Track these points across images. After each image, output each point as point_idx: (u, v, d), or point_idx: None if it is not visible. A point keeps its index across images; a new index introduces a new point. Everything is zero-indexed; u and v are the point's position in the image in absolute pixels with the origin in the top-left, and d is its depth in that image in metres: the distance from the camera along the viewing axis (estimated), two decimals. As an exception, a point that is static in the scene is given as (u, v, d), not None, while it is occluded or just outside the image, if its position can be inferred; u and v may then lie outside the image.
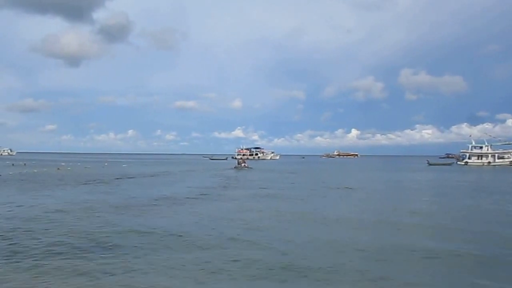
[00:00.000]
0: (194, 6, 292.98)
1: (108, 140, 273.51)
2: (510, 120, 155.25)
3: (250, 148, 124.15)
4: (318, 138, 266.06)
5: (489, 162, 78.82)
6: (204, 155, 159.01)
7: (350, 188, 29.61)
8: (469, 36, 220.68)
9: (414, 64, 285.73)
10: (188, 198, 22.30)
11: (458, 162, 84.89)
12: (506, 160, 78.23)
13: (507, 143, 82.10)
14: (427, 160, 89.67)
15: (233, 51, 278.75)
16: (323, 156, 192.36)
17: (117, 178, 36.92)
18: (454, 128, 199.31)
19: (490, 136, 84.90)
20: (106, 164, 76.97)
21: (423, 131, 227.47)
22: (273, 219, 15.63)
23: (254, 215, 16.49)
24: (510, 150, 79.51)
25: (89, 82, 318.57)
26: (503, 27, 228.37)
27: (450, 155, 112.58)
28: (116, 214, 16.19)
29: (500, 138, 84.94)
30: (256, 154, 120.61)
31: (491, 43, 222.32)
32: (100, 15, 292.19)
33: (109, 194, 23.94)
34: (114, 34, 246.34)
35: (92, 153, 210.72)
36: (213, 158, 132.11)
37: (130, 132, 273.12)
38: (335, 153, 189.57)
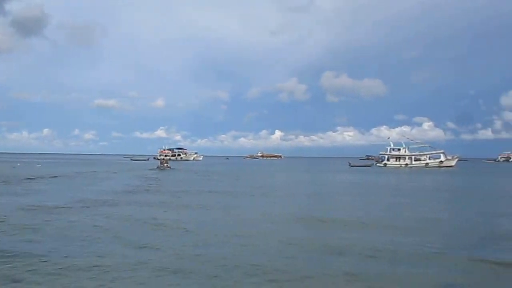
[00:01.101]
0: (117, 1, 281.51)
1: (22, 139, 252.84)
2: (427, 123, 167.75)
3: (173, 149, 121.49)
4: (242, 139, 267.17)
5: (407, 164, 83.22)
6: (125, 156, 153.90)
7: (275, 189, 29.59)
8: (389, 41, 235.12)
9: (336, 67, 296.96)
10: (91, 203, 19.94)
11: (378, 164, 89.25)
12: (422, 162, 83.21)
13: (423, 145, 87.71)
14: (349, 162, 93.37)
15: (157, 49, 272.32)
16: (247, 157, 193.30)
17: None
18: (374, 131, 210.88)
19: (408, 138, 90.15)
20: (18, 164, 71.14)
21: (345, 133, 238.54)
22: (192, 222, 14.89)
23: (174, 217, 15.73)
24: (426, 153, 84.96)
25: (0, 77, 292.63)
26: (419, 33, 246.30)
27: (370, 157, 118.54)
28: None
29: (417, 141, 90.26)
30: (179, 155, 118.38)
31: (408, 49, 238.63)
32: (13, 6, 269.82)
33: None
34: (28, 27, 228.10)
35: (3, 153, 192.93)
36: (134, 158, 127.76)
37: (45, 131, 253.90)
38: (259, 154, 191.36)
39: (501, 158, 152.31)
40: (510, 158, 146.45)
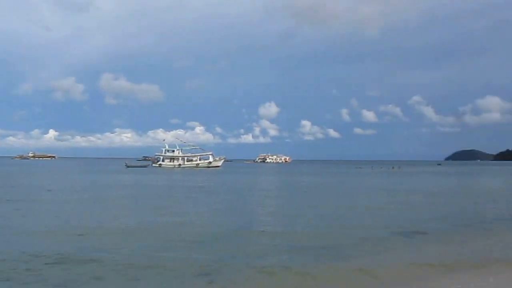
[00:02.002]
0: None
1: None
2: (198, 127, 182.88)
3: None
4: (11, 138, 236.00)
5: (180, 165, 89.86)
6: None
7: (49, 191, 29.05)
8: (166, 50, 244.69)
9: (115, 70, 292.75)
10: None
11: (154, 164, 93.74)
12: (194, 162, 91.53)
13: (195, 147, 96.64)
14: (126, 163, 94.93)
15: None
16: (16, 157, 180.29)
17: None
18: (151, 133, 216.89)
19: (181, 141, 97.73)
20: None
21: (123, 134, 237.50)
22: None
23: None
24: (197, 154, 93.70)
25: None
26: (192, 46, 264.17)
27: (147, 158, 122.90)
28: None
29: (190, 143, 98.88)
30: None
31: (183, 59, 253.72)
32: None
33: None
34: None
35: None
36: None
37: None
38: (30, 154, 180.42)
39: (258, 159, 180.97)
40: (266, 159, 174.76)
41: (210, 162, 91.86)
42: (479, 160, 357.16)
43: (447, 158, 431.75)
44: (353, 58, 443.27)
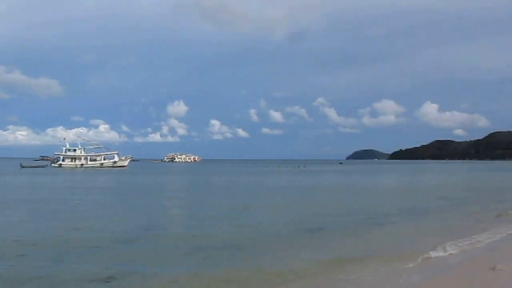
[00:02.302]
0: None
1: None
2: (103, 126, 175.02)
3: None
4: None
5: (82, 164, 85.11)
6: None
7: None
8: (67, 44, 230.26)
9: (8, 62, 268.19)
10: None
11: (53, 164, 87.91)
12: (98, 162, 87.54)
13: (98, 146, 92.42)
14: (20, 163, 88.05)
15: None
16: None
17: None
18: (50, 131, 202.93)
19: (84, 139, 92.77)
20: None
21: (17, 132, 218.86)
22: None
23: None
24: (101, 153, 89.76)
25: None
26: (102, 39, 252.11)
27: (45, 158, 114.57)
28: None
29: (93, 142, 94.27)
30: None
31: (88, 52, 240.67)
32: None
33: None
34: None
35: None
36: None
37: None
38: None
39: (166, 158, 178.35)
40: (174, 158, 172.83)
41: (115, 162, 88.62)
42: (376, 159, 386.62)
43: (348, 157, 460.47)
44: (261, 60, 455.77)
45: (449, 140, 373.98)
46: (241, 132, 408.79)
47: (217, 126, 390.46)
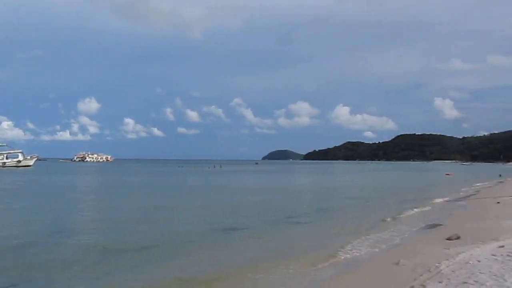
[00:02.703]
0: None
1: None
2: (6, 123, 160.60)
3: None
4: None
5: (-17, 164, 78.62)
6: None
7: None
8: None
9: None
10: None
11: None
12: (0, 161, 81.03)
13: (1, 144, 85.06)
14: None
15: None
16: None
17: None
18: None
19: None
20: None
21: None
22: None
23: None
24: (3, 152, 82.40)
25: None
26: (5, 30, 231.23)
27: None
28: None
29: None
30: None
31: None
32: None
33: None
34: None
35: None
36: None
37: None
38: None
39: (77, 158, 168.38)
40: (85, 158, 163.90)
41: (19, 161, 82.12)
42: (291, 160, 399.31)
43: (264, 158, 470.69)
44: (177, 58, 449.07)
45: (359, 142, 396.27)
46: (156, 131, 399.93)
47: (131, 124, 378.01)
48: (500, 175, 56.15)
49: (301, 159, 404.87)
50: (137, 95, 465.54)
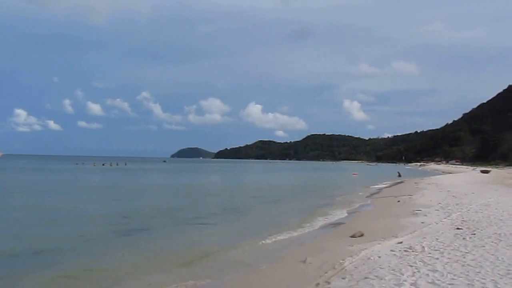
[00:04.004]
0: None
1: None
2: None
3: None
4: None
5: None
6: None
7: None
8: None
9: None
10: None
11: None
12: None
13: None
14: None
15: None
16: None
17: None
18: None
19: None
20: None
21: None
22: None
23: None
24: None
25: None
26: None
27: None
28: None
29: None
30: None
31: None
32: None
33: None
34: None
35: None
36: None
37: None
38: None
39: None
40: None
41: None
42: (201, 158, 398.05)
43: (173, 155, 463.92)
44: (78, 45, 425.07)
45: (271, 141, 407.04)
46: (52, 125, 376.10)
47: (23, 116, 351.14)
48: (399, 175, 58.65)
49: (212, 158, 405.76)
50: (30, 83, 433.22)
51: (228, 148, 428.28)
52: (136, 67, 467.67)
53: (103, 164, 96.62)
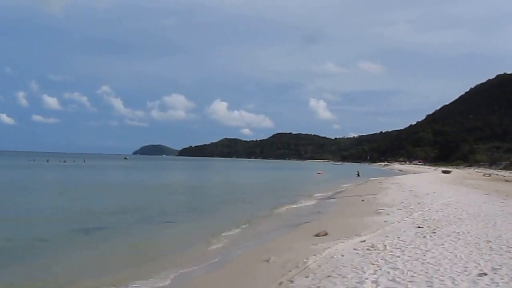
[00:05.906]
0: None
1: None
2: None
3: None
4: None
5: None
6: None
7: None
8: None
9: None
10: None
11: None
12: None
13: None
14: None
15: None
16: None
17: None
18: None
19: None
20: None
21: None
22: None
23: None
24: None
25: None
26: None
27: None
28: None
29: None
30: None
31: None
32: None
33: None
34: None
35: None
36: None
37: None
38: None
39: None
40: None
41: None
42: (165, 155, 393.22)
43: (135, 152, 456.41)
44: (33, 35, 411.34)
45: (237, 139, 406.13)
46: (5, 118, 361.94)
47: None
48: (358, 175, 58.12)
49: (176, 155, 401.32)
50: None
51: (193, 146, 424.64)
52: (96, 60, 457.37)
53: (62, 161, 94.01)
